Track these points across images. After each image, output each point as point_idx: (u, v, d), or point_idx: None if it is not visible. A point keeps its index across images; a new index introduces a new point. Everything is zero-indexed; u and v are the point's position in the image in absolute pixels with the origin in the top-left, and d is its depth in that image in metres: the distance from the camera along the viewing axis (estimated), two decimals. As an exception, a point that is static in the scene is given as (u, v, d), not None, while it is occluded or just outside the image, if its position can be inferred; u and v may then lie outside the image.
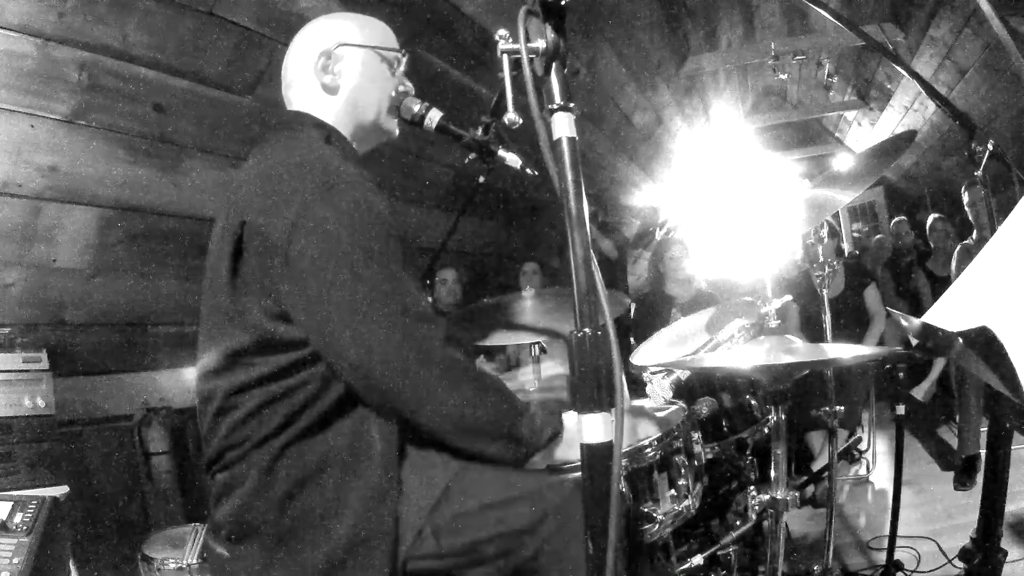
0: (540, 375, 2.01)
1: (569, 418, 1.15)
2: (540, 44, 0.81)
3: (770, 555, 1.50)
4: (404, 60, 1.28)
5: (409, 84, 1.30)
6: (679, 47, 5.29)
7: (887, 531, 2.08)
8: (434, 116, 1.30)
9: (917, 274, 4.72)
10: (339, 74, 1.20)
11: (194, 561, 1.66)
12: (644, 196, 6.71)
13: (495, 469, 1.15)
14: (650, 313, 3.61)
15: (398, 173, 3.69)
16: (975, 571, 1.55)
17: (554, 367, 2.07)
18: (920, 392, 3.93)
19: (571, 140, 0.80)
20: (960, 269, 2.88)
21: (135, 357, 2.90)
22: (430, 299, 3.46)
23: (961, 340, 0.81)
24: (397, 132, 1.31)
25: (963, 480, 2.97)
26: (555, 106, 0.81)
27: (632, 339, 3.59)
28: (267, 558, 1.03)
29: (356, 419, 1.06)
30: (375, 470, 1.05)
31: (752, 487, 1.57)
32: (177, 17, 2.30)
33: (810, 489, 2.93)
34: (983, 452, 1.80)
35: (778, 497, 1.46)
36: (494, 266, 5.13)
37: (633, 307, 3.75)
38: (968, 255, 3.47)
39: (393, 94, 1.26)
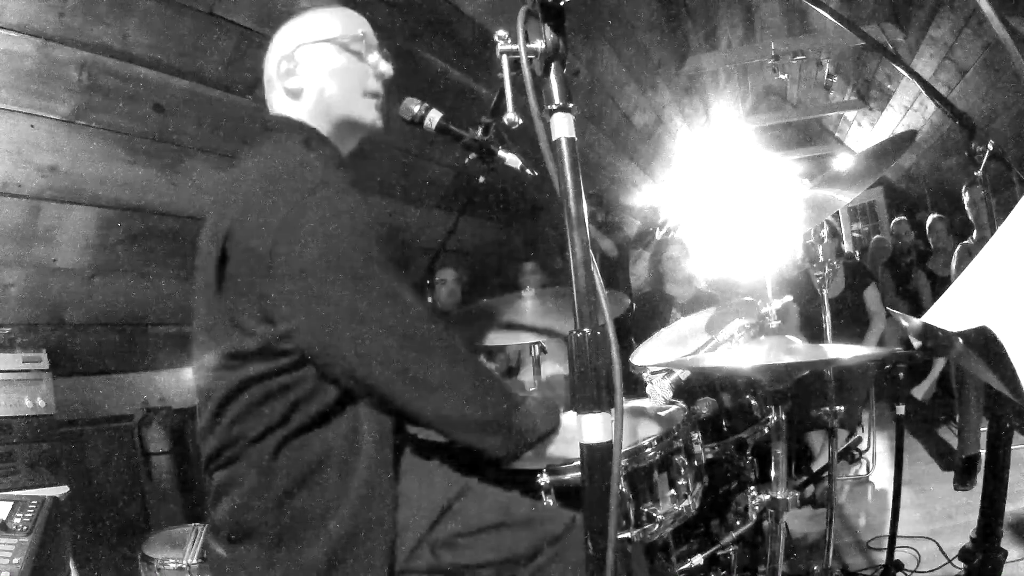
0: (540, 375, 2.01)
1: (568, 417, 1.15)
2: (539, 45, 0.81)
3: (770, 555, 1.50)
4: (366, 39, 1.21)
5: (386, 65, 1.23)
6: (679, 47, 5.29)
7: (887, 531, 2.08)
8: (434, 116, 1.30)
9: (917, 274, 4.72)
10: (301, 76, 1.18)
11: (194, 561, 1.66)
12: (644, 196, 6.71)
13: (496, 493, 1.17)
14: (650, 313, 3.61)
15: (398, 173, 3.69)
16: (975, 571, 1.55)
17: (554, 367, 2.07)
18: (920, 392, 3.93)
19: (570, 140, 0.80)
20: (960, 269, 2.87)
21: (135, 357, 2.90)
22: (429, 300, 3.46)
23: (961, 340, 0.81)
24: (379, 122, 1.24)
25: (963, 480, 2.96)
26: (554, 106, 0.81)
27: (632, 339, 3.59)
28: (267, 558, 1.03)
29: (351, 415, 1.07)
30: (369, 466, 1.05)
31: (752, 487, 1.57)
32: (177, 17, 2.30)
33: (810, 489, 2.92)
34: (983, 452, 1.80)
35: (778, 497, 1.46)
36: (494, 266, 5.12)
37: (633, 307, 3.75)
38: (968, 255, 3.47)
39: (366, 79, 1.21)
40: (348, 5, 1.26)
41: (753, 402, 1.91)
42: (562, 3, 0.81)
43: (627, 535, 1.37)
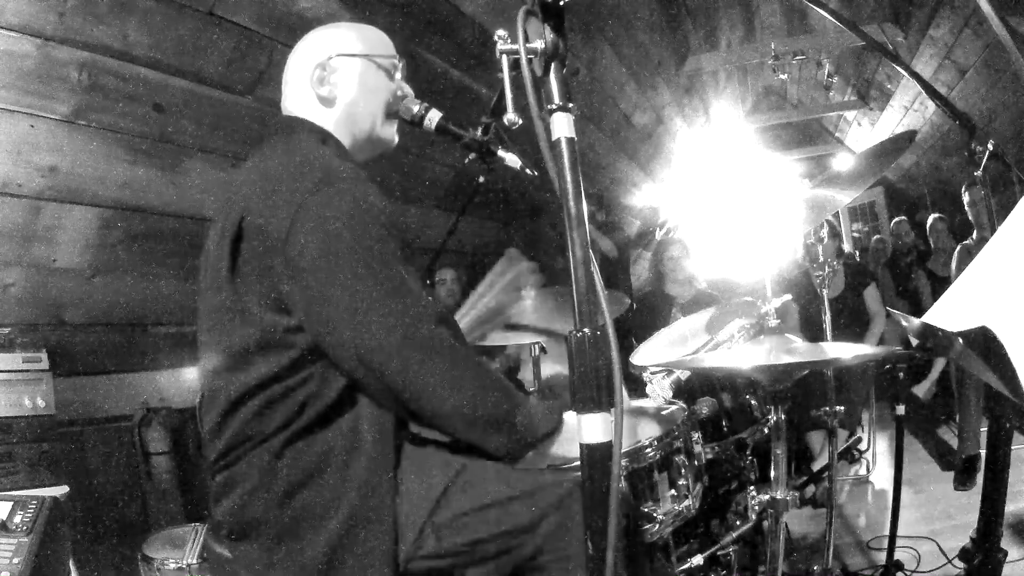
0: (540, 375, 2.01)
1: (570, 416, 1.15)
2: (539, 44, 0.81)
3: (770, 555, 1.50)
4: (400, 66, 1.28)
5: (408, 89, 1.30)
6: (679, 47, 5.29)
7: (887, 531, 2.08)
8: (434, 116, 1.31)
9: (917, 274, 4.72)
10: (335, 85, 1.21)
11: (194, 561, 1.66)
12: (644, 196, 6.71)
13: (494, 468, 1.16)
14: (650, 313, 3.61)
15: (398, 173, 3.69)
16: (975, 571, 1.55)
17: (554, 367, 2.07)
18: (920, 391, 3.94)
19: (570, 140, 0.80)
20: (960, 269, 2.87)
21: (135, 357, 2.90)
22: (429, 299, 3.45)
23: (961, 340, 0.81)
24: (395, 140, 1.31)
25: (963, 480, 2.96)
26: (554, 106, 0.81)
27: (632, 339, 3.59)
28: (268, 557, 1.04)
29: (352, 415, 1.07)
30: (369, 464, 1.06)
31: (752, 487, 1.57)
32: (177, 17, 2.30)
33: (810, 489, 2.92)
34: (983, 452, 1.80)
35: (778, 497, 1.46)
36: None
37: (633, 307, 3.75)
38: (968, 255, 3.47)
39: (391, 100, 1.27)
40: (350, 4, 1.27)
41: (753, 402, 1.91)
42: (562, 3, 0.81)
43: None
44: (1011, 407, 1.49)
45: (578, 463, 1.32)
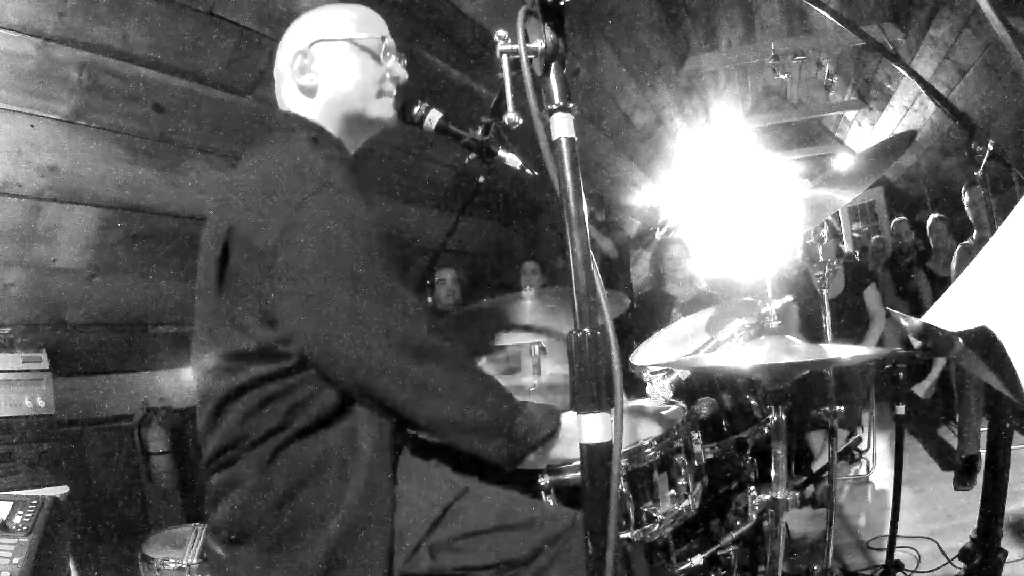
0: (540, 375, 2.01)
1: (568, 417, 1.15)
2: (539, 44, 0.81)
3: (770, 555, 1.50)
4: (387, 44, 1.22)
5: (401, 69, 1.25)
6: (679, 47, 5.29)
7: (887, 531, 2.08)
8: (434, 116, 1.30)
9: (917, 274, 4.72)
10: (317, 73, 1.18)
11: (194, 561, 1.66)
12: (644, 196, 6.71)
13: (496, 494, 1.16)
14: (650, 313, 3.61)
15: (398, 173, 3.69)
16: (975, 571, 1.55)
17: (554, 367, 2.07)
18: (920, 391, 3.94)
19: (570, 140, 0.80)
20: (960, 269, 2.87)
21: (135, 357, 2.90)
22: (429, 300, 3.46)
23: (961, 340, 0.81)
24: (393, 117, 1.25)
25: (963, 480, 2.97)
26: (554, 106, 0.81)
27: (632, 339, 3.59)
28: (266, 559, 1.03)
29: (351, 418, 1.06)
30: (368, 466, 1.05)
31: (752, 487, 1.57)
32: (177, 17, 2.30)
33: (810, 489, 2.93)
34: (983, 452, 1.80)
35: (778, 497, 1.46)
36: (494, 266, 5.13)
37: (633, 307, 3.75)
38: (968, 255, 3.47)
39: (380, 80, 1.21)
40: (349, 3, 1.26)
41: (753, 402, 1.91)
42: (562, 3, 0.81)
43: (627, 535, 1.37)
44: (1011, 407, 1.50)
45: (575, 463, 1.33)
